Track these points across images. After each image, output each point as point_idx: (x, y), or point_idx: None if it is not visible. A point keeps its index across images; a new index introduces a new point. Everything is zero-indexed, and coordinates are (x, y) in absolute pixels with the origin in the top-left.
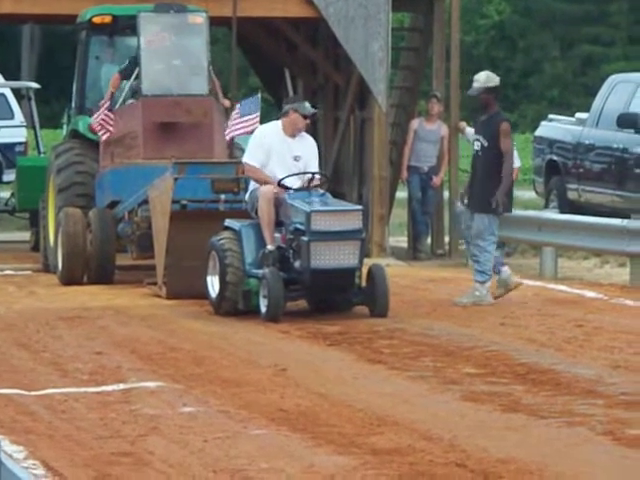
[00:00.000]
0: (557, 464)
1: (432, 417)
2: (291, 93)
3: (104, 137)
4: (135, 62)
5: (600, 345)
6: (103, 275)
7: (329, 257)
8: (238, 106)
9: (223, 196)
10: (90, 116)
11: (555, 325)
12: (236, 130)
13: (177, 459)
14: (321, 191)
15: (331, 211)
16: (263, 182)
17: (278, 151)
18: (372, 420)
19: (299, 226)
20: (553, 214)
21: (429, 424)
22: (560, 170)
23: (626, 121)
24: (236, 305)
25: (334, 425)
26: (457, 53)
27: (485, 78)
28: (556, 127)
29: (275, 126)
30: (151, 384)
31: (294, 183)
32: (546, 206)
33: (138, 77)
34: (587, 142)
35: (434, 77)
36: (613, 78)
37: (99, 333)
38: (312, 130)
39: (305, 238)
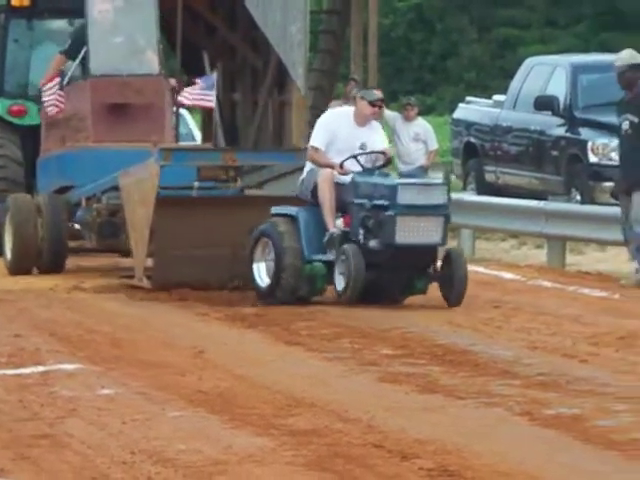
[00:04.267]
0: (474, 444)
1: (350, 398)
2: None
3: (55, 114)
4: (79, 41)
5: (517, 326)
6: (55, 263)
7: (414, 232)
8: (199, 80)
9: (196, 183)
10: (11, 99)
11: (473, 306)
12: (196, 100)
13: (95, 441)
14: (386, 172)
15: (418, 184)
16: (324, 165)
17: (344, 138)
18: (290, 401)
19: (380, 202)
20: (471, 196)
21: (347, 405)
22: (478, 152)
23: (543, 103)
24: (294, 292)
25: (252, 407)
26: (375, 36)
27: (629, 55)
28: (474, 109)
29: (345, 113)
30: (69, 366)
31: (354, 168)
32: (464, 188)
33: (85, 57)
34: (504, 124)
35: (352, 60)
36: (530, 61)
37: (18, 315)
38: (230, 115)
39: (391, 212)
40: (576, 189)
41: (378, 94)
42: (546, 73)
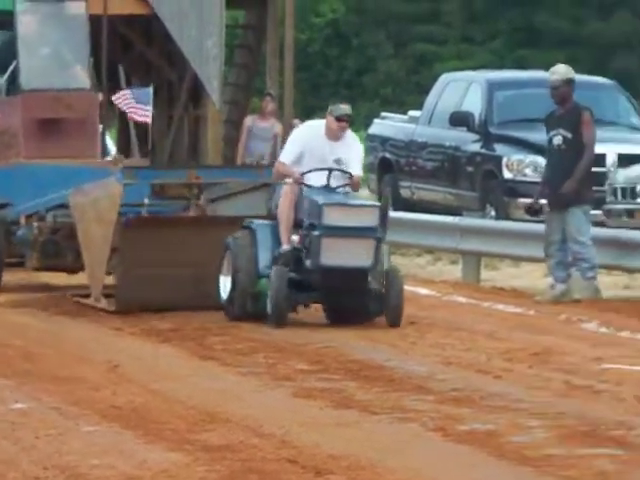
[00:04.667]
0: (388, 460)
1: (264, 413)
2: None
3: None
4: (7, 55)
5: (432, 342)
6: None
7: (341, 254)
8: (128, 92)
9: (146, 200)
10: None
11: None
12: (135, 115)
13: (8, 455)
14: (347, 190)
15: (344, 205)
16: (285, 174)
17: (318, 153)
18: (204, 416)
19: (311, 221)
20: None
21: (261, 420)
22: (393, 168)
23: (458, 119)
24: (244, 308)
25: (166, 422)
26: (291, 51)
27: (564, 70)
28: (389, 125)
29: (318, 127)
30: None
31: (320, 179)
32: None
33: (15, 71)
34: (420, 140)
35: (268, 75)
36: (446, 76)
37: None
38: (145, 129)
39: (317, 232)
40: (491, 205)
41: (344, 109)
42: (462, 89)
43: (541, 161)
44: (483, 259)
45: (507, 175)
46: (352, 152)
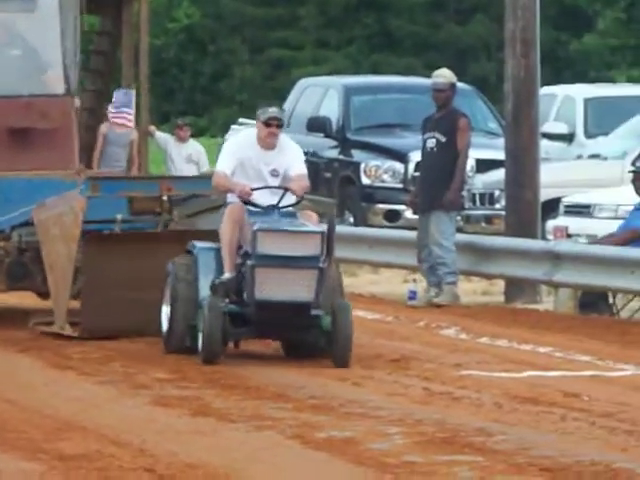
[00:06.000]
0: (246, 468)
1: (121, 422)
2: None
3: None
4: None
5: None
6: None
7: (278, 288)
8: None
9: (119, 216)
10: None
11: None
12: (116, 119)
13: None
14: (291, 211)
15: (281, 231)
16: (229, 188)
17: (253, 166)
18: (60, 425)
19: (247, 248)
20: None
21: (118, 429)
22: None
23: (316, 125)
24: (182, 341)
25: (23, 431)
26: (146, 57)
27: (450, 74)
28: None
29: (249, 136)
30: None
31: (268, 199)
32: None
33: None
34: None
35: (123, 81)
36: (303, 82)
37: None
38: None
39: (251, 262)
40: (349, 211)
41: (272, 112)
42: (319, 94)
43: (399, 167)
44: (342, 265)
45: (365, 181)
46: (288, 156)
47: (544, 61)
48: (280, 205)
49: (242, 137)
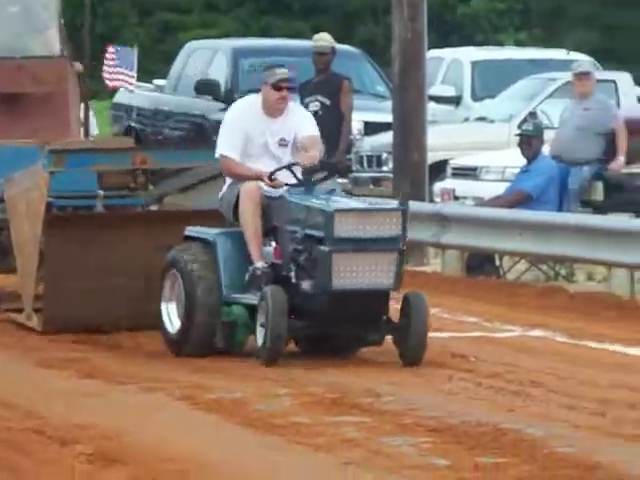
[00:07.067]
0: (135, 430)
1: (9, 384)
2: None
3: None
4: None
5: None
6: None
7: (357, 274)
8: (114, 53)
9: (101, 192)
10: None
11: None
12: (116, 81)
13: None
14: (329, 185)
15: (362, 210)
16: (247, 177)
17: (257, 137)
18: None
19: (313, 232)
20: None
21: (6, 391)
22: (139, 137)
23: (204, 87)
24: (207, 343)
25: None
26: None
27: (330, 38)
28: (134, 94)
29: (250, 104)
30: None
31: (287, 177)
32: None
33: None
34: (165, 109)
35: None
36: (191, 44)
37: None
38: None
39: (325, 248)
40: None
41: (282, 73)
42: (207, 57)
43: None
44: None
45: None
46: (296, 119)
47: (432, 25)
48: (314, 179)
49: (242, 107)
